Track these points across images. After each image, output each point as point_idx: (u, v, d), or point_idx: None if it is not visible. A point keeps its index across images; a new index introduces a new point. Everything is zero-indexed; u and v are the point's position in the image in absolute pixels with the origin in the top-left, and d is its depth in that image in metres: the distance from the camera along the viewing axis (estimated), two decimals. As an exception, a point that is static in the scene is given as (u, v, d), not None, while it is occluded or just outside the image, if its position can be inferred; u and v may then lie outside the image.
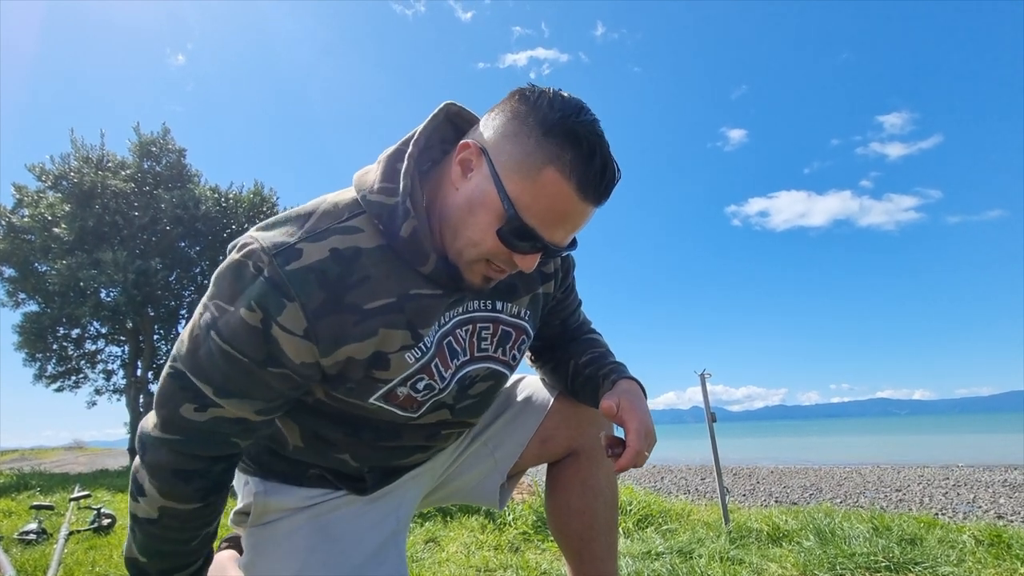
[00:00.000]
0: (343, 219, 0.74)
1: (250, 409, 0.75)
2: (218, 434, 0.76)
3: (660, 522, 2.73)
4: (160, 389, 0.76)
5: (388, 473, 0.98)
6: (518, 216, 0.70)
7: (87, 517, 3.22)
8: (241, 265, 0.71)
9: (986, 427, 43.32)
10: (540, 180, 0.68)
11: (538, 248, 0.73)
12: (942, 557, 1.86)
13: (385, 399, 0.81)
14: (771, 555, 2.05)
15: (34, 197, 11.67)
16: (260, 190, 13.49)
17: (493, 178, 0.71)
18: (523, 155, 0.69)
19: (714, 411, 2.67)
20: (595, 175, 0.69)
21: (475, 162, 0.73)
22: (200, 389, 0.73)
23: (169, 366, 0.75)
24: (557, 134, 0.68)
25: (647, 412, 0.88)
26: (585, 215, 0.72)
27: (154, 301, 12.16)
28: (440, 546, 2.48)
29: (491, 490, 1.11)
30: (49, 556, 2.43)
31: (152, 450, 0.77)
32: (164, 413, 0.75)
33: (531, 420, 1.08)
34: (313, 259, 0.70)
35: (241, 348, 0.70)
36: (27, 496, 5.09)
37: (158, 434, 0.76)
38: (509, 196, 0.70)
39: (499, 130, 0.72)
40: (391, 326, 0.75)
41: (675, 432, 72.90)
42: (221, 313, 0.71)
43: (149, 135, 12.69)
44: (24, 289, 11.85)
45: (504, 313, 0.90)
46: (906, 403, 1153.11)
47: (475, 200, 0.72)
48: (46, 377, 12.64)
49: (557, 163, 0.68)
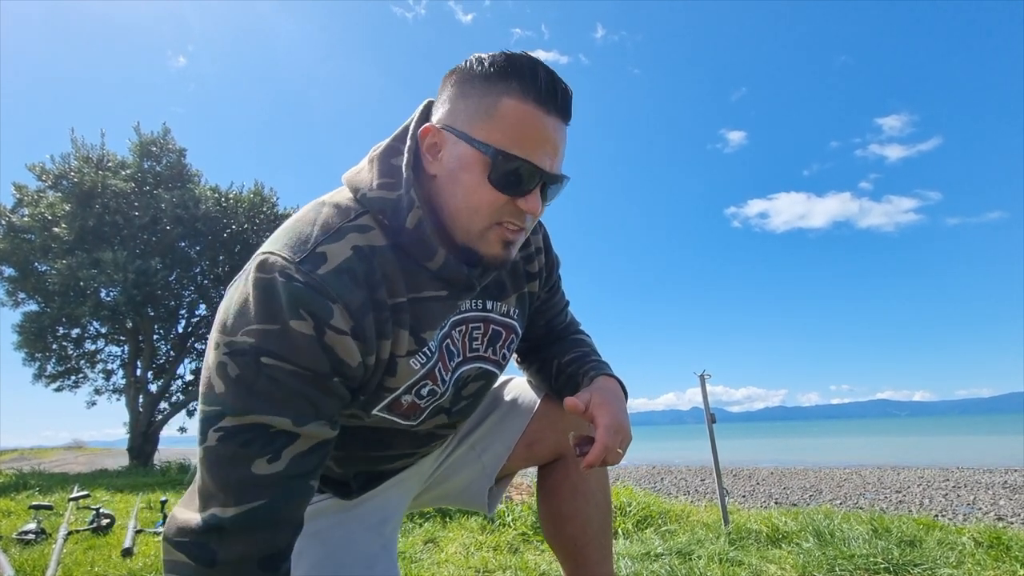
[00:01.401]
0: (352, 218, 0.73)
1: (328, 426, 0.70)
2: (299, 478, 0.68)
3: (659, 523, 2.72)
4: (211, 466, 0.65)
5: (373, 479, 0.97)
6: (500, 152, 0.69)
7: (86, 517, 3.21)
8: (269, 282, 0.66)
9: (986, 429, 43.31)
10: (501, 113, 0.70)
11: (534, 179, 0.72)
12: (941, 559, 1.86)
13: (389, 409, 0.80)
14: (770, 556, 2.05)
15: (34, 196, 11.65)
16: (260, 190, 13.48)
17: (462, 138, 0.72)
18: (476, 104, 0.71)
19: (714, 412, 2.67)
20: (547, 87, 0.71)
21: (439, 138, 0.74)
22: (270, 430, 0.65)
23: (212, 435, 0.65)
24: (497, 71, 0.71)
25: (621, 409, 0.86)
26: (558, 131, 0.73)
27: (154, 301, 12.14)
28: (439, 547, 2.48)
29: (479, 494, 1.10)
30: (48, 556, 2.43)
31: (229, 542, 0.64)
32: (233, 484, 0.64)
33: (517, 423, 1.07)
34: (340, 259, 0.69)
35: (302, 362, 0.65)
36: (26, 496, 5.08)
37: (234, 514, 0.64)
38: (483, 142, 0.70)
39: (447, 103, 0.75)
40: (401, 326, 0.74)
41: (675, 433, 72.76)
42: (265, 334, 0.64)
43: (149, 135, 12.67)
44: (24, 289, 11.83)
45: (494, 312, 0.89)
46: (906, 404, 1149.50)
47: (455, 169, 0.73)
48: (46, 377, 12.62)
49: (509, 92, 0.70)
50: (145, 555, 2.53)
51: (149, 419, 12.59)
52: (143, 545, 2.73)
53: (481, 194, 0.72)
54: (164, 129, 12.86)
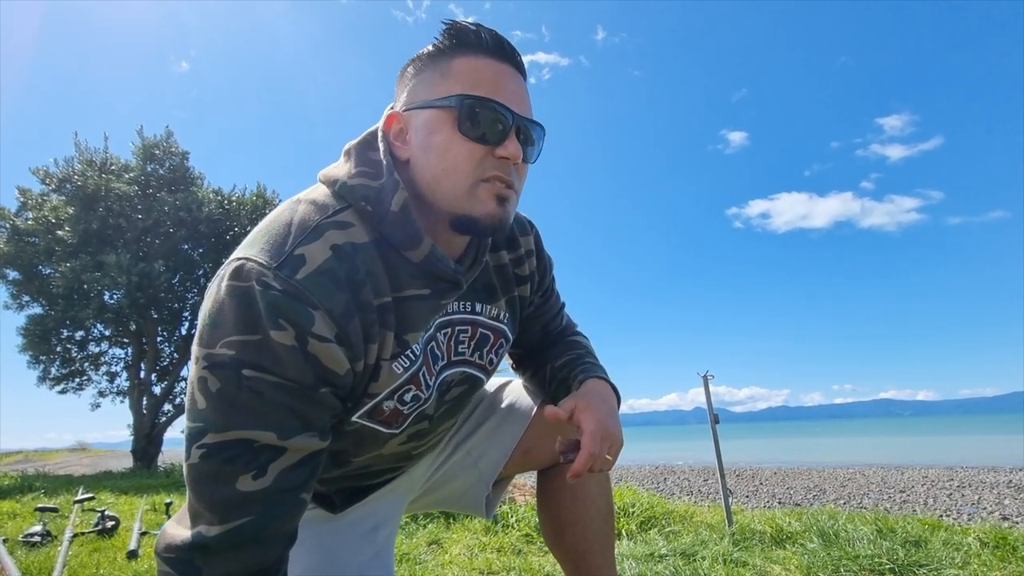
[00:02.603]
0: (330, 214, 0.70)
1: (317, 438, 0.67)
2: (288, 493, 0.66)
3: (663, 524, 2.72)
4: (195, 483, 0.64)
5: (357, 493, 0.96)
6: (463, 98, 0.69)
7: (91, 519, 3.23)
8: (245, 290, 0.62)
9: (990, 428, 43.16)
10: (456, 70, 0.71)
11: (505, 120, 0.70)
12: (947, 559, 1.85)
13: (370, 416, 0.76)
14: (775, 557, 2.04)
15: (38, 200, 11.72)
16: (263, 192, 13.52)
17: (426, 107, 0.72)
18: (430, 76, 0.72)
19: (717, 412, 2.67)
20: (491, 39, 0.72)
21: (403, 122, 0.74)
22: (254, 445, 0.63)
23: (195, 452, 0.63)
24: (443, 43, 0.72)
25: (608, 413, 0.83)
26: (514, 78, 0.73)
27: (157, 303, 12.18)
28: (443, 548, 2.48)
29: (477, 500, 1.09)
30: (54, 558, 2.44)
31: (214, 561, 0.63)
32: (218, 502, 0.63)
33: (514, 429, 1.06)
34: (319, 261, 0.65)
35: (286, 374, 0.62)
36: (31, 498, 5.10)
37: (218, 533, 0.62)
38: (443, 97, 0.70)
39: (404, 93, 0.76)
40: (387, 327, 0.71)
41: (677, 433, 72.53)
42: (244, 346, 0.61)
43: (152, 138, 12.74)
44: (28, 292, 11.89)
45: (483, 315, 0.87)
46: (910, 404, 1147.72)
47: (424, 138, 0.72)
48: (50, 379, 12.68)
49: (458, 52, 0.72)
50: (150, 557, 2.53)
51: (153, 421, 12.63)
52: (148, 547, 2.73)
53: (455, 149, 0.69)
54: (167, 132, 12.93)
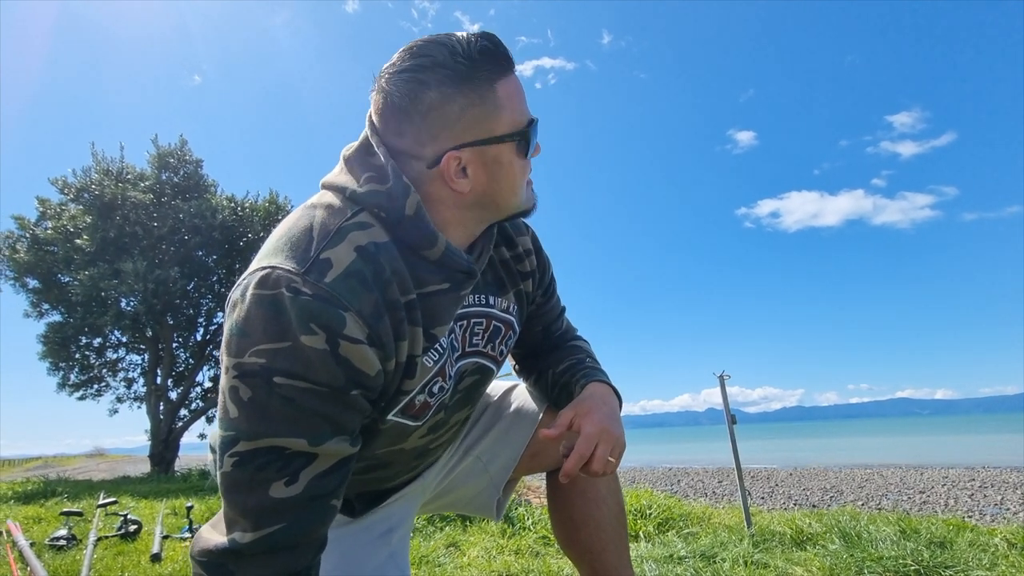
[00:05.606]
0: (348, 216, 0.70)
1: (348, 442, 0.68)
2: (319, 499, 0.67)
3: (681, 526, 2.71)
4: (228, 491, 0.65)
5: (377, 497, 0.98)
6: (520, 132, 0.75)
7: (114, 523, 3.28)
8: (273, 298, 0.63)
9: (1013, 427, 42.21)
10: (501, 99, 0.73)
11: (537, 130, 0.78)
12: (974, 561, 1.82)
13: (403, 412, 0.78)
14: (796, 559, 2.02)
15: (57, 209, 11.95)
16: (275, 199, 13.66)
17: (489, 143, 0.73)
18: (483, 111, 0.72)
19: (733, 413, 2.65)
20: (508, 54, 0.75)
21: (464, 157, 0.72)
22: (286, 452, 0.64)
23: (228, 460, 0.64)
24: (463, 70, 0.71)
25: (608, 416, 0.84)
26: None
27: (173, 310, 12.35)
28: (461, 551, 2.49)
29: (488, 503, 1.11)
30: (80, 562, 2.48)
31: (247, 565, 0.64)
32: (251, 509, 0.64)
33: (522, 433, 1.07)
34: (345, 264, 0.66)
35: (317, 379, 0.63)
36: (55, 503, 5.20)
37: (252, 539, 0.64)
38: (508, 133, 0.74)
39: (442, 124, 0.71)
40: (415, 323, 0.73)
41: (691, 434, 71.85)
42: (274, 353, 0.62)
43: (167, 147, 12.94)
44: (48, 300, 12.12)
45: (496, 308, 0.89)
46: (928, 403, 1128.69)
47: (495, 171, 0.75)
48: (69, 386, 12.90)
49: (495, 77, 0.73)
50: (173, 560, 2.58)
51: (170, 426, 12.80)
52: (171, 551, 2.78)
53: (516, 170, 0.76)
54: (181, 141, 13.12)
